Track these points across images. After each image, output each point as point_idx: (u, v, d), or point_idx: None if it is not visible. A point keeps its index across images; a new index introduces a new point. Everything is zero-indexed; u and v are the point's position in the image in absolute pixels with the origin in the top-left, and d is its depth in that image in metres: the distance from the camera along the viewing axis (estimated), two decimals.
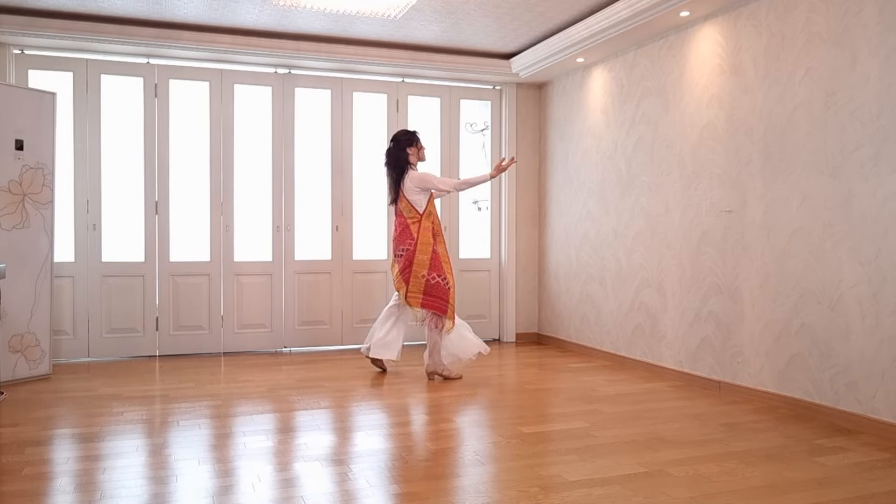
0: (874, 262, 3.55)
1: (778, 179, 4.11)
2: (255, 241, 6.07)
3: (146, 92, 5.76)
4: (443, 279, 4.87)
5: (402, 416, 4.01)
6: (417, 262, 4.85)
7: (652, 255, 5.18)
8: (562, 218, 6.38)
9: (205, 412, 4.00)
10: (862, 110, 3.62)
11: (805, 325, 3.93)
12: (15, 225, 4.76)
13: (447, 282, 4.88)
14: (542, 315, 6.76)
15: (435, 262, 4.87)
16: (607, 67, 5.71)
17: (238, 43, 5.60)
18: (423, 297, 4.83)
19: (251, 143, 6.05)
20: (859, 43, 3.63)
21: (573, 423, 3.76)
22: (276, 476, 2.94)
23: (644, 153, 5.25)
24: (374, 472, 2.99)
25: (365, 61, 5.98)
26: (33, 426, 3.68)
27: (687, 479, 2.88)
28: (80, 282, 5.60)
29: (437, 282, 4.85)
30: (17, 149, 4.77)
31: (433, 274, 4.85)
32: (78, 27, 5.22)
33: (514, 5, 5.00)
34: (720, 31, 4.54)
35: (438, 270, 4.87)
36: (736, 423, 3.74)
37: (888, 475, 2.95)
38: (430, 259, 4.86)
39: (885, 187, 3.50)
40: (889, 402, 3.48)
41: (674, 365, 4.96)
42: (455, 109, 6.62)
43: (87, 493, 2.71)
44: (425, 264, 4.85)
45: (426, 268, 4.85)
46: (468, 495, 2.71)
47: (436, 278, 4.85)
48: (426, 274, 4.84)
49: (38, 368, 4.91)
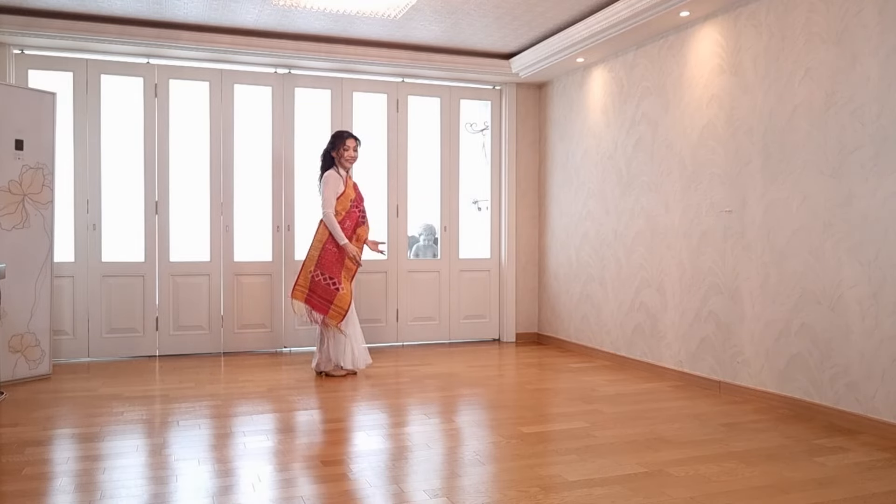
0: (874, 262, 3.55)
1: (778, 179, 4.11)
2: (255, 241, 6.07)
3: (146, 92, 5.76)
4: (331, 281, 4.89)
5: (401, 416, 4.01)
6: (309, 256, 4.98)
7: (652, 255, 5.18)
8: (562, 218, 6.38)
9: (205, 412, 4.00)
10: (862, 110, 3.62)
11: (805, 325, 3.93)
12: (15, 225, 4.76)
13: (336, 285, 4.88)
14: (542, 315, 6.76)
15: (324, 261, 4.91)
16: (607, 67, 5.71)
17: (238, 43, 5.60)
18: (308, 292, 4.91)
19: (251, 144, 6.05)
20: (859, 43, 3.63)
21: (573, 423, 3.76)
22: (276, 476, 2.94)
23: (644, 153, 5.25)
24: (374, 472, 2.99)
25: (365, 61, 5.98)
26: (33, 426, 3.68)
27: (687, 479, 2.88)
28: (80, 282, 5.60)
29: (321, 281, 4.89)
30: (17, 149, 4.77)
31: (318, 272, 4.91)
32: (78, 27, 5.22)
33: (514, 5, 5.00)
34: (720, 31, 4.54)
35: (329, 271, 4.90)
36: (736, 423, 3.74)
37: (888, 475, 2.95)
38: (319, 256, 4.93)
39: (885, 187, 3.50)
40: (889, 402, 3.48)
41: (674, 365, 4.96)
42: (455, 109, 6.62)
43: (87, 493, 2.71)
44: (314, 260, 4.95)
45: (314, 264, 4.94)
46: (468, 495, 2.71)
47: (320, 276, 4.90)
48: (313, 270, 4.93)
49: (38, 368, 4.91)
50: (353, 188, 5.12)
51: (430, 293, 6.56)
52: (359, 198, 5.14)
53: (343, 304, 4.90)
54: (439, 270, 6.60)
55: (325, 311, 4.89)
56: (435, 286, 6.57)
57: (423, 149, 6.57)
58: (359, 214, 5.10)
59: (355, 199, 5.09)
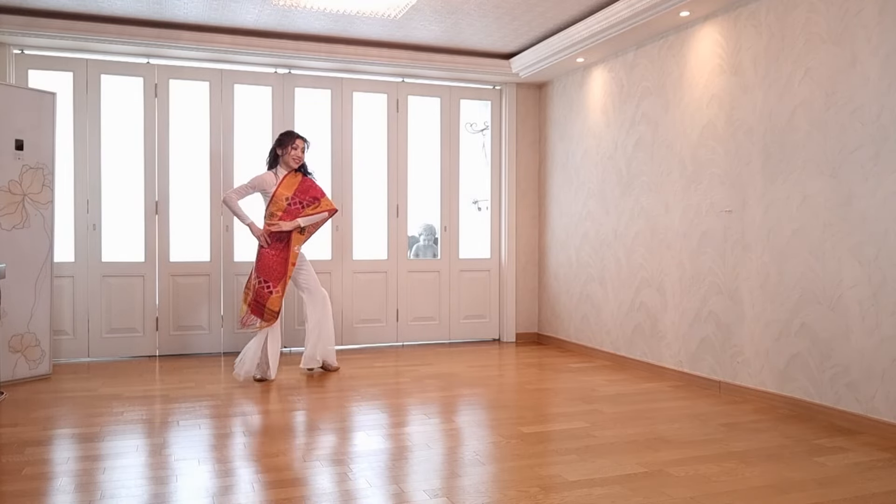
0: (874, 262, 3.55)
1: (778, 179, 4.11)
2: (255, 241, 6.04)
3: (146, 92, 5.76)
4: (263, 283, 4.82)
5: (401, 415, 4.01)
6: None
7: (652, 255, 5.18)
8: (562, 218, 6.38)
9: (205, 412, 4.00)
10: (862, 110, 3.62)
11: (805, 325, 3.93)
12: (15, 225, 4.76)
13: (268, 287, 4.81)
14: (542, 315, 6.76)
15: (258, 264, 4.86)
16: (607, 67, 5.71)
17: (238, 43, 5.60)
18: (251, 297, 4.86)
19: (251, 144, 6.05)
20: (859, 43, 3.63)
21: (573, 423, 3.76)
22: (276, 476, 2.94)
23: (644, 153, 5.25)
24: (374, 472, 2.99)
25: (365, 61, 5.98)
26: (33, 426, 3.68)
27: (687, 479, 2.88)
28: (80, 282, 5.60)
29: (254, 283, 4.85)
30: (17, 149, 4.77)
31: (254, 275, 4.88)
32: (78, 27, 5.22)
33: (514, 5, 5.00)
34: (720, 31, 4.54)
35: (263, 274, 4.83)
36: (736, 423, 3.74)
37: (888, 475, 2.95)
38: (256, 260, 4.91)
39: (885, 187, 3.50)
40: (889, 402, 3.48)
41: (674, 365, 4.96)
42: (455, 109, 6.62)
43: (87, 493, 2.71)
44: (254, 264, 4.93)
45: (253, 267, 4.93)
46: (468, 495, 2.71)
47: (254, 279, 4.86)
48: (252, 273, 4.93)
49: (38, 368, 4.91)
50: (296, 187, 4.94)
51: (430, 293, 6.56)
52: (301, 193, 4.96)
53: (275, 307, 4.80)
54: (439, 270, 6.60)
55: (260, 314, 4.79)
56: (435, 286, 6.57)
57: (423, 149, 6.57)
58: (300, 207, 4.94)
59: (293, 197, 4.92)
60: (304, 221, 4.92)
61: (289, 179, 4.96)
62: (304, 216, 4.93)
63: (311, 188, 5.01)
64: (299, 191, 4.97)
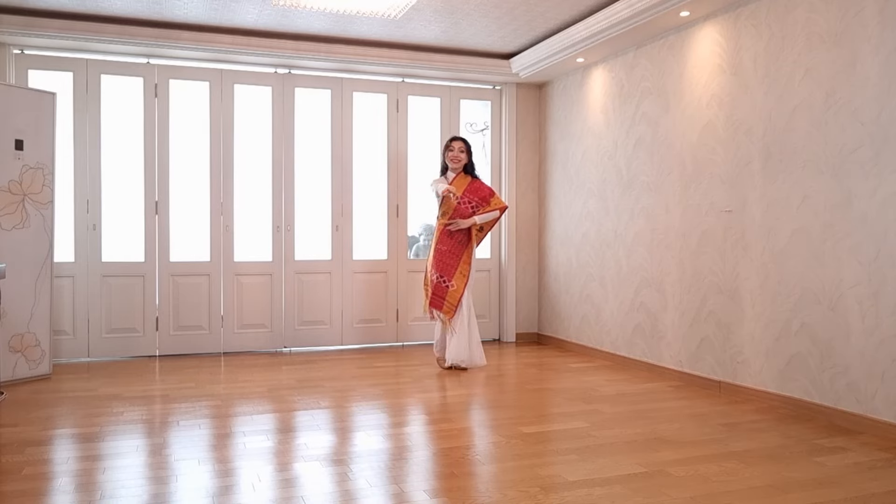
0: (874, 262, 3.55)
1: (778, 179, 4.11)
2: (255, 241, 6.07)
3: (146, 92, 5.76)
4: (440, 278, 5.26)
5: (401, 416, 4.01)
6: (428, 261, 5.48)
7: (652, 255, 5.18)
8: (562, 218, 6.38)
9: (205, 412, 4.00)
10: (862, 110, 3.62)
11: (805, 325, 3.93)
12: (15, 225, 4.76)
13: (445, 281, 5.25)
14: (542, 315, 6.76)
15: (434, 260, 5.28)
16: (607, 67, 5.71)
17: (238, 43, 5.60)
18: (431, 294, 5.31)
19: (251, 143, 6.05)
20: (859, 43, 3.63)
21: (573, 423, 3.76)
22: (276, 476, 2.94)
23: (644, 153, 5.25)
24: (374, 472, 2.99)
25: (365, 61, 5.98)
26: (33, 426, 3.68)
27: (687, 479, 2.88)
28: (80, 282, 5.60)
29: (434, 280, 5.29)
30: (17, 149, 4.77)
31: (433, 272, 5.30)
32: (78, 27, 5.22)
33: (514, 5, 5.00)
34: (720, 31, 4.54)
35: (439, 269, 5.26)
36: (736, 423, 3.74)
37: (888, 475, 2.95)
38: (431, 257, 5.33)
39: (885, 187, 3.50)
40: (889, 402, 3.48)
41: (674, 365, 4.96)
42: (455, 109, 6.62)
43: (87, 493, 2.71)
44: (429, 262, 5.38)
45: (429, 265, 5.36)
46: (468, 495, 2.71)
47: (431, 274, 5.30)
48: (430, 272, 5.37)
49: (38, 368, 4.91)
50: (465, 188, 5.24)
51: None
52: (470, 193, 5.25)
53: (453, 299, 5.17)
54: None
55: (440, 306, 5.20)
56: None
57: (423, 149, 6.57)
58: (469, 207, 5.23)
59: (462, 197, 5.21)
60: (479, 219, 5.26)
61: (457, 182, 5.27)
62: (479, 214, 5.27)
63: (480, 189, 5.31)
64: (468, 191, 5.25)
